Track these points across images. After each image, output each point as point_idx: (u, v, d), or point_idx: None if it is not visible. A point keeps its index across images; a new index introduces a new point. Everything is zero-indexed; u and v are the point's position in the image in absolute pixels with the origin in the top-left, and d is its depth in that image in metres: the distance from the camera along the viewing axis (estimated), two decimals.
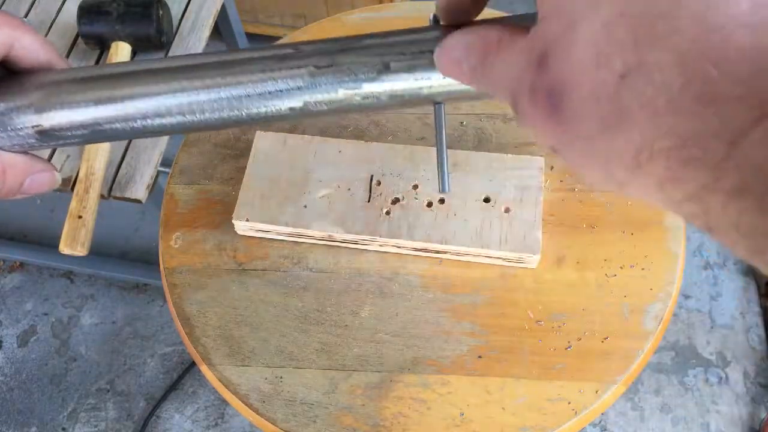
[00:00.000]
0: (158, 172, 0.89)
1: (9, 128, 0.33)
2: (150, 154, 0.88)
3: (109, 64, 0.35)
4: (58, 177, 0.37)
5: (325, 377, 0.54)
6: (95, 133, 0.34)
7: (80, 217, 0.79)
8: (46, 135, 0.33)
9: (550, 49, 0.20)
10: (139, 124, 0.33)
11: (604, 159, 0.20)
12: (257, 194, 0.59)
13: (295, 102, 0.32)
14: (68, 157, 0.88)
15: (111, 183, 0.86)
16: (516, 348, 0.54)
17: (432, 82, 0.31)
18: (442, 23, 0.31)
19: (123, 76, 0.33)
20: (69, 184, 0.86)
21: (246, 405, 0.53)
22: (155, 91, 0.32)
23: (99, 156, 0.84)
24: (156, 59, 0.34)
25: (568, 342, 0.54)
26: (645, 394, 1.22)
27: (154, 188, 0.88)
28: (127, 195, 0.86)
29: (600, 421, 1.20)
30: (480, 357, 0.54)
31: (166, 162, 0.86)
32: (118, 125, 0.33)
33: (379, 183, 0.60)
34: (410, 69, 0.31)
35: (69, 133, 0.33)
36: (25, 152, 0.35)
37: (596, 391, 0.52)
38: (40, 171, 0.35)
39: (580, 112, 0.20)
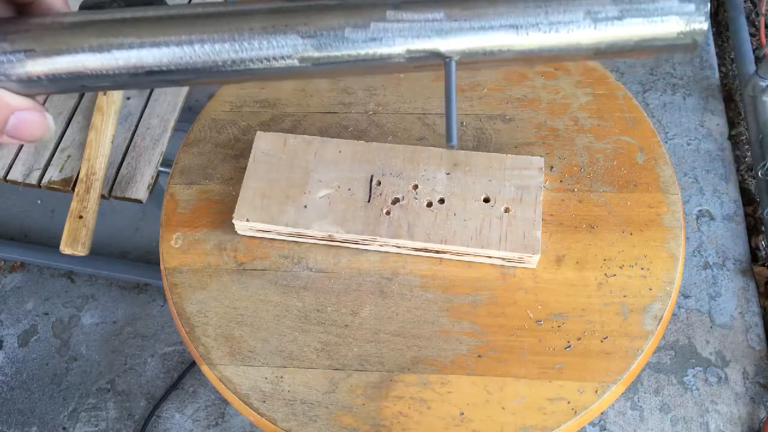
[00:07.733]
0: (159, 173, 0.89)
1: None
2: (150, 155, 0.88)
3: (107, 11, 0.33)
4: (51, 120, 0.33)
5: (325, 377, 0.54)
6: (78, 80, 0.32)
7: (81, 217, 0.80)
8: (33, 81, 0.32)
9: None
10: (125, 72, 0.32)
11: None
12: (257, 194, 0.59)
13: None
14: (69, 157, 0.88)
15: (112, 183, 0.86)
16: (516, 348, 0.54)
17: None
18: None
19: (117, 23, 0.32)
20: (70, 184, 0.86)
21: (246, 405, 0.53)
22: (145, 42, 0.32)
23: (100, 156, 0.84)
24: (153, 7, 0.33)
25: (568, 342, 0.54)
26: (644, 393, 1.22)
27: (155, 188, 0.89)
28: (128, 195, 0.86)
29: (599, 421, 1.20)
30: (480, 357, 0.54)
31: (166, 162, 0.86)
32: (107, 73, 0.32)
33: (379, 183, 0.60)
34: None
35: (54, 80, 0.32)
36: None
37: (596, 391, 0.52)
38: (28, 109, 0.31)
39: None
